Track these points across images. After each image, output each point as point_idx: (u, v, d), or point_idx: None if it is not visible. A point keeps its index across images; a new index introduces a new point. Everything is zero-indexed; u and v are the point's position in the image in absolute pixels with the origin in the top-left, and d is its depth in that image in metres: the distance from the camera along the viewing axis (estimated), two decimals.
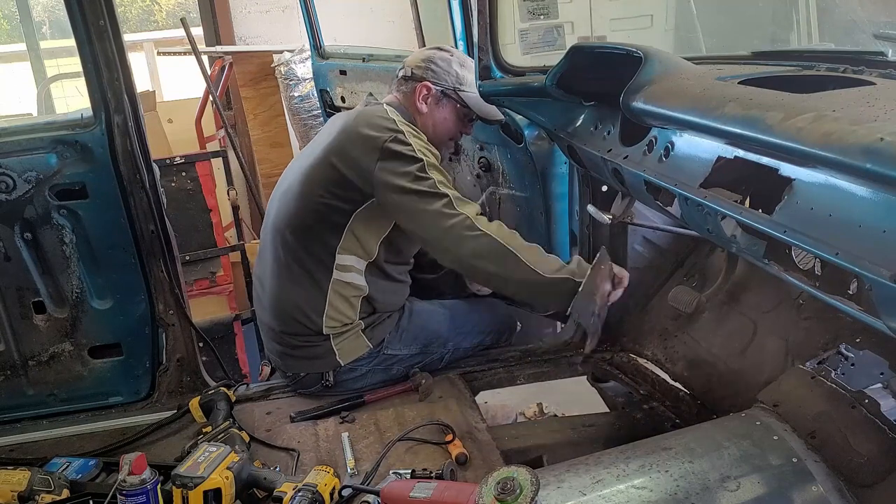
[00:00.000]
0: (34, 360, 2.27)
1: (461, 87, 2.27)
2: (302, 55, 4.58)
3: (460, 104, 2.28)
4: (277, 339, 2.25)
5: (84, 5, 1.95)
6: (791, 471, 1.43)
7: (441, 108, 2.28)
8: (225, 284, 3.60)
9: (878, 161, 0.99)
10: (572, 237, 2.45)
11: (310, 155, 2.21)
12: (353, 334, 2.19)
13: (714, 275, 2.18)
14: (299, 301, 2.17)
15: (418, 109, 2.26)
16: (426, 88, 2.24)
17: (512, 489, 1.32)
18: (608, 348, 2.51)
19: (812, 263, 1.29)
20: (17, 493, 1.75)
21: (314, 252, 2.15)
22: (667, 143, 1.56)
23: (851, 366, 1.57)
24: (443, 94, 2.26)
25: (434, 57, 2.28)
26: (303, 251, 2.15)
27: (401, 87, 2.29)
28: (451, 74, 2.26)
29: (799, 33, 3.04)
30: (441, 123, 2.30)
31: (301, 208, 2.15)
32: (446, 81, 2.26)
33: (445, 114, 2.29)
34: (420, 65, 2.27)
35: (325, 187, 2.10)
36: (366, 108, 2.26)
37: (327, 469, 1.70)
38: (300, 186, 2.16)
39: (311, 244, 2.15)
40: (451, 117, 2.30)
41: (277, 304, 2.22)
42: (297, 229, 2.16)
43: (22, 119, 3.37)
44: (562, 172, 2.38)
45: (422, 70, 2.26)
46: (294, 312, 2.18)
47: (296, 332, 2.19)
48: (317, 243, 2.14)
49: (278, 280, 2.21)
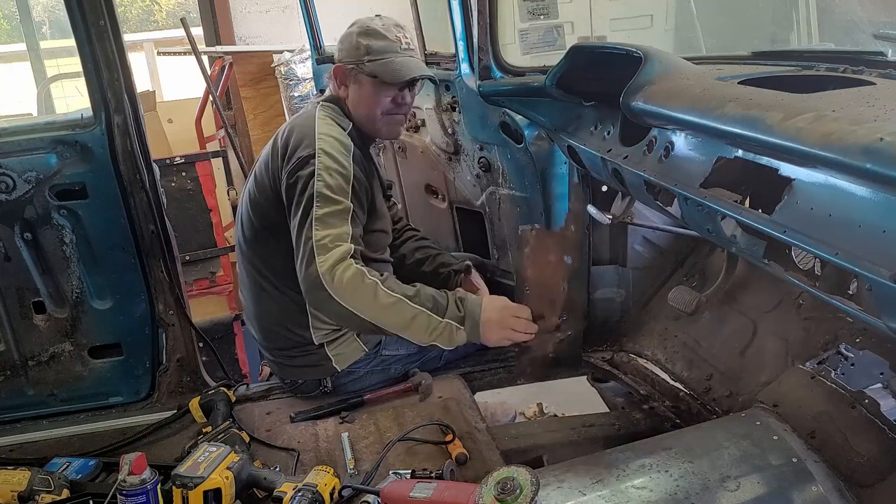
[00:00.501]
0: (34, 360, 2.27)
1: (369, 58, 2.07)
2: (302, 55, 4.58)
3: (370, 75, 2.09)
4: (270, 352, 2.25)
5: (84, 5, 1.96)
6: (791, 471, 1.43)
7: (359, 87, 2.12)
8: (225, 284, 3.60)
9: (877, 161, 0.99)
10: None
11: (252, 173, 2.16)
12: (347, 340, 2.18)
13: (714, 275, 2.18)
14: (281, 318, 2.15)
15: (340, 94, 2.16)
16: (338, 71, 2.13)
17: (512, 489, 1.32)
18: (608, 348, 2.51)
19: (812, 263, 1.29)
20: (17, 493, 1.75)
21: (280, 270, 2.10)
22: (667, 143, 1.56)
23: (851, 366, 1.57)
24: (353, 71, 2.10)
25: (344, 33, 2.14)
26: (269, 271, 2.13)
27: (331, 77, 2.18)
28: (357, 47, 2.08)
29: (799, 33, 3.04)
30: (363, 102, 2.13)
31: (253, 229, 2.12)
32: (353, 56, 2.09)
33: (364, 91, 2.12)
34: (335, 47, 2.16)
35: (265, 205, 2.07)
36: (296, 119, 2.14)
37: (327, 469, 1.70)
38: (247, 208, 2.13)
39: (274, 262, 2.11)
40: (371, 91, 2.11)
41: (261, 322, 2.21)
42: (257, 250, 2.13)
43: (22, 119, 3.38)
44: (562, 172, 2.38)
45: (335, 52, 2.15)
46: (279, 329, 2.16)
47: (286, 346, 2.17)
48: (279, 260, 2.08)
49: (256, 299, 2.19)
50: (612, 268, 2.47)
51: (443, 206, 2.92)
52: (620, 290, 2.50)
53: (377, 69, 2.07)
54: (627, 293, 2.50)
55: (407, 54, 2.11)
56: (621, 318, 2.53)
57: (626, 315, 2.52)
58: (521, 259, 2.40)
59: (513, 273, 2.68)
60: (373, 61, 2.07)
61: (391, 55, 2.08)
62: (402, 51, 2.10)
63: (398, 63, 2.08)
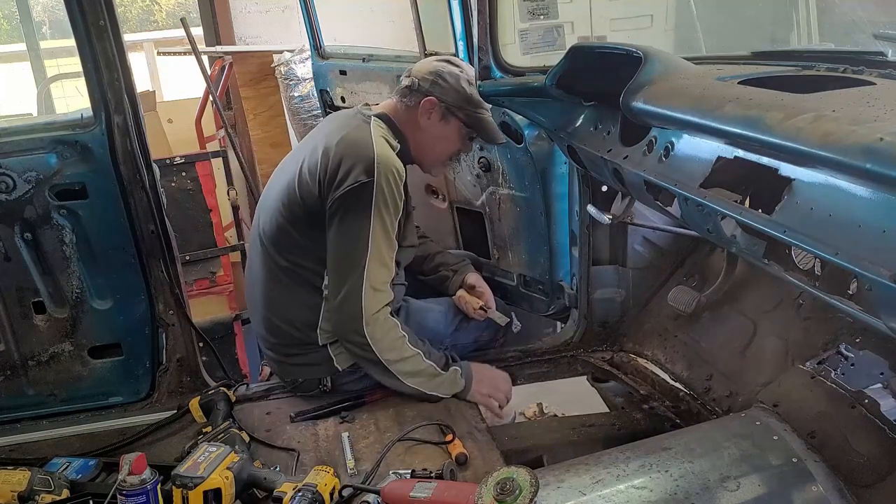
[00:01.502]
0: (34, 360, 2.27)
1: (468, 107, 2.16)
2: (302, 55, 4.57)
3: (465, 124, 2.19)
4: (272, 349, 2.25)
5: (84, 5, 1.95)
6: (791, 471, 1.43)
7: (444, 126, 2.18)
8: (225, 284, 3.60)
9: (877, 161, 0.99)
10: (572, 237, 2.45)
11: (290, 171, 2.14)
12: None
13: (714, 275, 2.18)
14: (291, 316, 2.15)
15: (418, 124, 2.17)
16: (430, 104, 2.14)
17: (511, 490, 1.32)
18: (608, 348, 2.51)
19: (812, 263, 1.29)
20: (17, 493, 1.75)
21: (302, 272, 2.12)
22: (667, 143, 1.56)
23: (851, 366, 1.57)
24: (448, 111, 2.16)
25: (443, 71, 2.16)
26: (291, 270, 2.13)
27: (404, 97, 2.18)
28: (460, 92, 2.15)
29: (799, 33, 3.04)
30: (442, 141, 2.21)
31: (285, 228, 2.11)
32: (453, 99, 2.15)
33: (448, 132, 2.19)
34: (427, 77, 2.16)
35: (305, 207, 2.06)
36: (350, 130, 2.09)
37: (327, 469, 1.70)
38: (282, 205, 2.11)
39: (298, 264, 2.12)
40: (454, 136, 2.21)
41: (269, 318, 2.21)
42: (283, 249, 2.13)
43: (22, 119, 3.37)
44: (562, 172, 2.38)
45: (428, 83, 2.15)
46: (286, 326, 2.17)
47: (290, 343, 2.18)
48: (304, 263, 2.11)
49: (268, 295, 2.20)
50: (612, 268, 2.47)
51: (443, 206, 2.92)
52: (620, 290, 2.50)
53: (474, 122, 2.18)
54: (627, 293, 2.50)
55: (490, 113, 2.22)
56: (621, 318, 2.53)
57: (626, 315, 2.52)
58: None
59: (512, 273, 2.69)
60: (472, 113, 2.17)
61: (484, 112, 2.19)
62: (487, 109, 2.21)
63: (491, 123, 2.22)
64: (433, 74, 2.15)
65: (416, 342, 2.10)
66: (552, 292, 2.59)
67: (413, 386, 2.08)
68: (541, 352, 2.53)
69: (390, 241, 2.03)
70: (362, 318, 1.99)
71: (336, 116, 2.33)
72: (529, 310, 2.71)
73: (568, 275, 2.53)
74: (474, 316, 2.41)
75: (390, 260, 2.04)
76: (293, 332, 2.16)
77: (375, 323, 2.01)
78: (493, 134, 2.24)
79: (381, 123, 2.14)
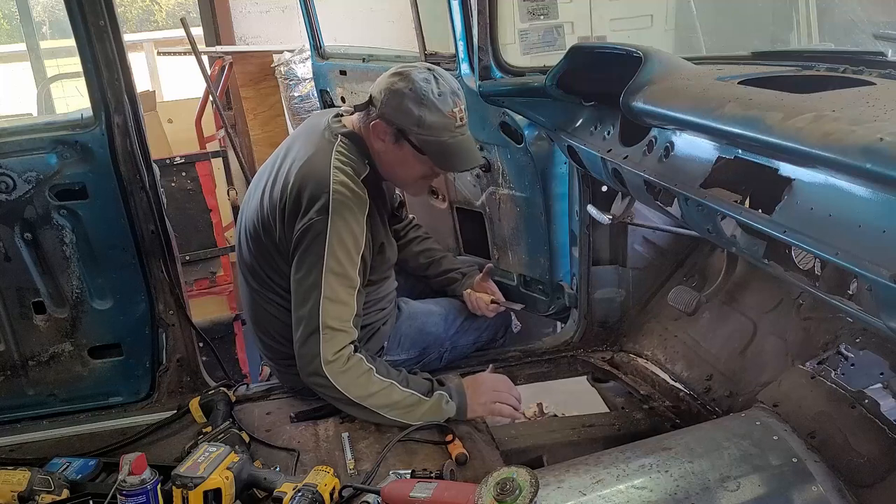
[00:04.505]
0: (34, 360, 2.27)
1: (420, 131, 1.89)
2: (302, 55, 4.58)
3: (417, 149, 1.93)
4: (269, 356, 2.25)
5: (84, 5, 1.95)
6: (791, 471, 1.43)
7: (399, 149, 1.95)
8: (225, 284, 3.60)
9: (877, 161, 1.00)
10: (572, 237, 2.45)
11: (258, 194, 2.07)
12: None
13: (714, 275, 2.18)
14: (280, 330, 2.12)
15: (373, 145, 1.99)
16: (378, 127, 1.93)
17: (511, 490, 1.32)
18: (608, 348, 2.51)
19: (812, 263, 1.29)
20: (17, 494, 1.75)
21: (281, 290, 2.07)
22: (667, 143, 1.56)
23: (851, 366, 1.57)
24: (400, 134, 1.92)
25: (392, 89, 1.89)
26: (270, 289, 2.11)
27: (363, 116, 1.98)
28: (407, 114, 1.88)
29: (799, 33, 3.04)
30: (401, 166, 2.00)
31: (258, 248, 2.08)
32: (401, 121, 1.90)
33: (404, 156, 1.96)
34: (378, 96, 1.92)
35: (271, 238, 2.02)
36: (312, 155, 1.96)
37: (327, 469, 1.70)
38: (253, 227, 2.07)
39: (277, 282, 2.08)
40: (413, 161, 1.97)
41: (260, 332, 2.20)
42: (260, 268, 2.10)
43: (22, 119, 3.38)
44: (562, 172, 2.38)
45: (380, 102, 1.92)
46: (278, 340, 2.15)
47: (286, 356, 2.12)
48: (281, 282, 2.06)
49: (255, 312, 2.19)
50: (612, 268, 2.47)
51: (443, 206, 2.92)
52: (620, 290, 2.50)
53: (429, 148, 1.92)
54: (627, 293, 2.50)
55: (460, 133, 1.93)
56: (621, 318, 2.53)
57: (626, 315, 2.52)
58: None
59: (512, 273, 2.69)
60: (423, 136, 1.90)
61: (446, 135, 1.90)
62: (456, 129, 1.92)
63: (452, 147, 1.93)
64: (383, 92, 1.92)
65: (388, 372, 1.96)
66: (552, 292, 2.59)
67: (393, 418, 1.94)
68: (541, 352, 2.52)
69: (347, 278, 1.90)
70: (320, 359, 1.89)
71: (308, 128, 2.16)
72: (529, 310, 2.71)
73: (568, 275, 2.53)
74: (486, 312, 2.39)
75: (349, 297, 1.91)
76: (286, 345, 2.11)
77: (336, 362, 1.89)
78: (451, 161, 1.98)
79: (346, 146, 1.97)
